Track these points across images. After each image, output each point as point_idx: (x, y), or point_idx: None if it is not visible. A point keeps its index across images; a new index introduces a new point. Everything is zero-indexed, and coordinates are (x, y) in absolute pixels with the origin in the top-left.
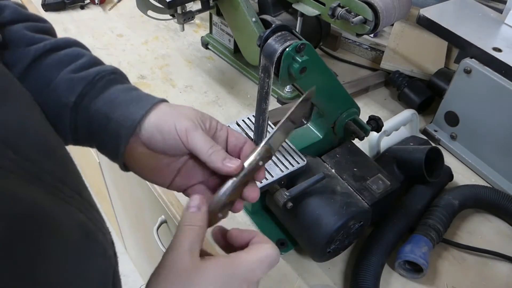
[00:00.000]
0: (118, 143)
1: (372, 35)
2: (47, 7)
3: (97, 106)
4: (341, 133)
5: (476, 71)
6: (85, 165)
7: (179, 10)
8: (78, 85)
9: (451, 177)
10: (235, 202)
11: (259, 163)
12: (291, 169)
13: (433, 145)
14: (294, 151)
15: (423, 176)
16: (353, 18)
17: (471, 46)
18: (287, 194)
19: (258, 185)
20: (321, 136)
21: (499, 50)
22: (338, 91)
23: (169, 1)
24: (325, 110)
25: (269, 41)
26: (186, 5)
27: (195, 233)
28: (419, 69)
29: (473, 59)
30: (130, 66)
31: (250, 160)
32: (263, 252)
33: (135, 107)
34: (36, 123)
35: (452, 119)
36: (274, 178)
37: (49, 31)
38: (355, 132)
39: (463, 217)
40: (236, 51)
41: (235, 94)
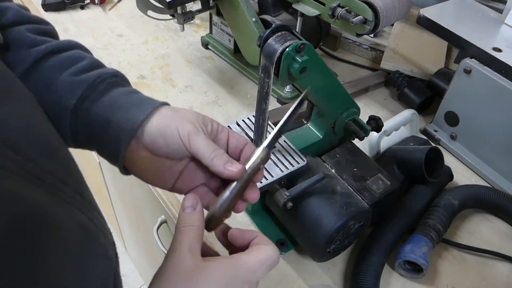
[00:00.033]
0: (118, 146)
1: (372, 35)
2: (47, 7)
3: (97, 109)
4: (341, 133)
5: (476, 71)
6: (85, 165)
7: (179, 10)
8: (79, 88)
9: (451, 177)
10: (237, 203)
11: (260, 166)
12: (291, 169)
13: (433, 145)
14: (294, 151)
15: (423, 176)
16: (353, 18)
17: (471, 46)
18: (287, 194)
19: (258, 185)
20: (321, 136)
21: (499, 50)
22: (338, 91)
23: (169, 1)
24: (325, 110)
25: (269, 41)
26: (186, 5)
27: (193, 233)
28: (419, 69)
29: (473, 59)
30: (130, 66)
31: (251, 163)
32: (264, 254)
33: (136, 110)
34: (39, 123)
35: (452, 119)
36: (274, 178)
37: (51, 33)
38: (355, 132)
39: (463, 217)
40: (236, 51)
41: (235, 94)
